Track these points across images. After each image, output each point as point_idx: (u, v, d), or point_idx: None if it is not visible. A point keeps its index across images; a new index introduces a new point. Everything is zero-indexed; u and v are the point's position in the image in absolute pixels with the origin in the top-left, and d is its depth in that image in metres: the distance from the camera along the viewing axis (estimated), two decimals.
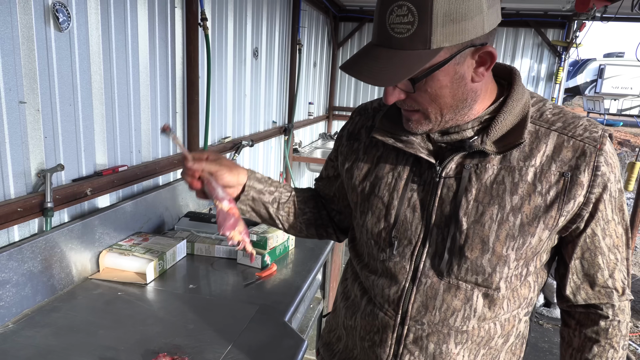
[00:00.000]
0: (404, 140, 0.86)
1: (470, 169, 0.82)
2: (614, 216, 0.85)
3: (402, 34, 0.70)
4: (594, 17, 4.32)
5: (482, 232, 0.81)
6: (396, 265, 0.88)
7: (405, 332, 0.88)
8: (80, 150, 1.91)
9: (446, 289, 0.85)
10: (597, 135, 0.81)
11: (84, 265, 1.80)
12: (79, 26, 1.84)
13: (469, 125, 0.83)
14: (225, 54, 3.16)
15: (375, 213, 0.90)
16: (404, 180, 0.87)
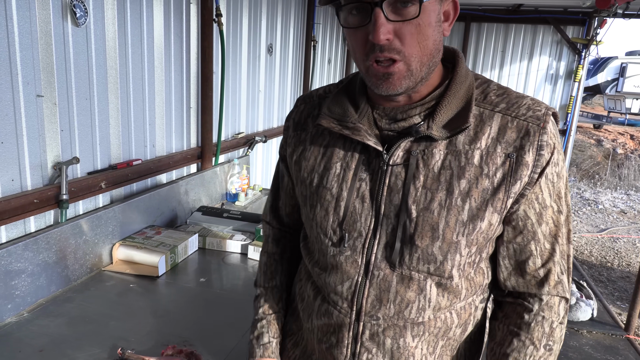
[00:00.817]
0: (351, 127, 0.82)
1: (417, 155, 0.79)
2: (552, 203, 0.80)
3: None
4: (615, 14, 4.22)
5: (432, 219, 0.78)
6: (347, 259, 0.83)
7: (361, 330, 0.84)
8: (95, 144, 1.94)
9: (399, 280, 0.81)
10: (541, 114, 0.78)
11: (98, 257, 1.83)
12: (95, 21, 1.86)
13: (416, 110, 0.81)
14: (239, 50, 3.18)
15: (324, 206, 0.85)
16: (352, 170, 0.83)
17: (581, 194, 8.88)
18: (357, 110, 0.84)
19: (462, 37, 5.82)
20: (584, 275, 4.51)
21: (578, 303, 3.66)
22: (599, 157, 12.64)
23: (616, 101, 18.89)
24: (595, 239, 6.31)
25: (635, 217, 7.40)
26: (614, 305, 4.27)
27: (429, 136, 0.78)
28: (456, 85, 0.80)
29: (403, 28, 0.72)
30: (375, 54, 0.73)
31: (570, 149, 5.80)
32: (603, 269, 5.28)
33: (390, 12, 0.71)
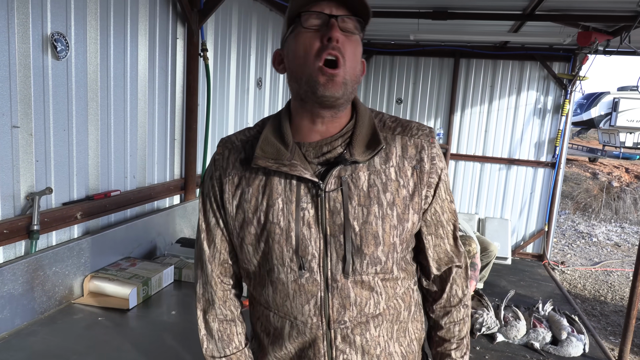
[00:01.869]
0: (287, 164, 0.93)
1: (347, 180, 0.94)
2: (447, 196, 1.03)
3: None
4: (596, 51, 4.33)
5: (372, 229, 0.93)
6: (308, 280, 0.94)
7: (333, 336, 0.96)
8: (72, 175, 1.95)
9: (354, 285, 0.95)
10: (428, 132, 1.01)
11: (68, 289, 1.81)
12: (77, 55, 1.91)
13: (338, 142, 0.96)
14: (227, 83, 3.23)
15: (276, 240, 0.94)
16: (294, 202, 0.94)
17: (575, 227, 8.85)
18: (288, 148, 0.95)
19: (452, 72, 5.93)
20: (576, 309, 4.45)
21: (569, 338, 3.60)
22: (595, 190, 12.67)
23: (610, 135, 19.11)
24: (589, 272, 6.25)
25: (629, 250, 7.35)
26: (607, 340, 4.19)
27: (352, 162, 0.93)
28: (361, 117, 0.98)
29: (347, 43, 0.90)
30: (328, 50, 0.87)
31: (560, 181, 5.82)
32: (596, 303, 5.21)
33: (341, 24, 0.89)
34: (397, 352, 1.02)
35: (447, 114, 6.03)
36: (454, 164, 6.11)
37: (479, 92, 5.95)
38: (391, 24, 4.80)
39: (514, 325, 3.67)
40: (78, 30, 1.89)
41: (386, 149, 0.96)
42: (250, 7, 3.43)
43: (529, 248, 6.01)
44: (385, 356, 1.01)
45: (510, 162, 5.91)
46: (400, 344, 1.03)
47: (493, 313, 3.80)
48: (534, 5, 3.74)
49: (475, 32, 4.87)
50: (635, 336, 4.17)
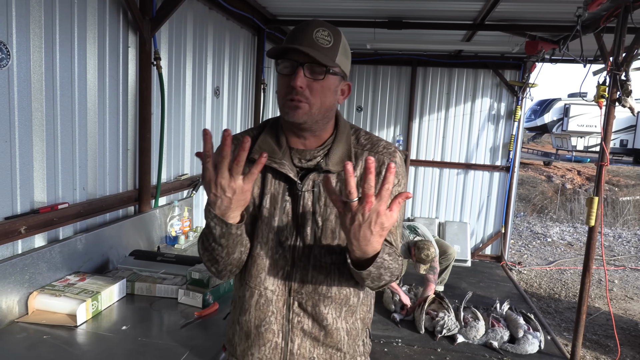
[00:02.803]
0: (278, 162, 1.16)
1: (319, 184, 1.16)
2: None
3: (324, 45, 1.10)
4: (543, 59, 4.54)
5: (331, 225, 1.16)
6: (281, 257, 1.18)
7: (292, 302, 1.19)
8: (15, 188, 1.87)
9: (313, 268, 1.18)
10: (392, 151, 1.21)
11: (10, 308, 1.73)
12: (19, 64, 1.84)
13: (319, 153, 1.19)
14: (183, 92, 3.19)
15: (264, 221, 1.18)
16: (280, 194, 1.17)
17: (531, 228, 9.18)
18: (281, 150, 1.18)
19: (410, 80, 6.08)
20: (532, 308, 4.61)
21: (526, 336, 3.72)
22: (550, 193, 13.20)
23: (563, 139, 19.99)
24: (544, 272, 6.49)
25: (581, 248, 7.68)
26: (561, 336, 4.35)
27: (326, 170, 1.15)
28: (340, 135, 1.20)
29: (313, 84, 1.10)
30: (291, 94, 1.10)
31: (515, 184, 6.04)
32: (551, 301, 5.41)
33: (308, 72, 1.09)
34: (342, 328, 1.23)
35: (406, 121, 6.16)
36: (414, 169, 6.24)
37: (436, 100, 6.12)
38: (348, 33, 4.87)
39: (474, 326, 3.76)
40: (20, 39, 1.83)
41: (355, 163, 1.18)
42: (206, 16, 3.41)
43: (488, 250, 6.20)
44: (332, 330, 1.21)
45: (467, 167, 6.10)
46: (346, 321, 1.23)
47: (453, 315, 3.89)
48: (483, 15, 3.89)
49: (430, 41, 5.02)
50: (586, 331, 4.36)
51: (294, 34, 1.11)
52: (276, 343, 1.21)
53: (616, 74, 3.26)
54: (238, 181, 0.97)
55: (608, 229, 9.38)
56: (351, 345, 1.26)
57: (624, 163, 18.74)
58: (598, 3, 2.93)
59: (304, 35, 1.09)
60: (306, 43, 1.08)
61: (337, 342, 1.23)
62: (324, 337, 1.21)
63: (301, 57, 1.07)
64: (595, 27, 3.51)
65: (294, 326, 1.20)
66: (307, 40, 1.09)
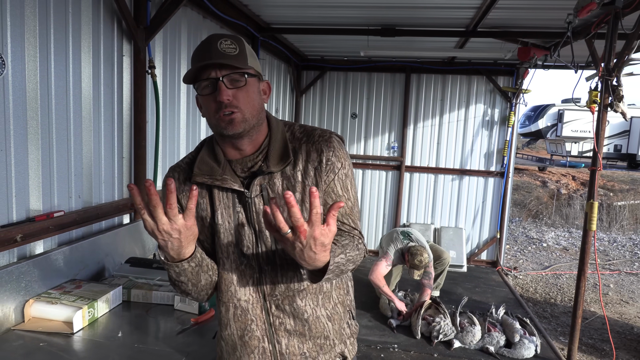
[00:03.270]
0: (220, 179, 1.18)
1: (265, 187, 1.18)
2: (344, 192, 1.21)
3: (232, 54, 1.10)
4: (535, 65, 4.59)
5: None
6: (247, 266, 1.21)
7: (268, 305, 1.22)
8: (11, 196, 1.88)
9: (281, 267, 1.20)
10: (327, 137, 1.21)
11: (7, 316, 1.73)
12: (14, 73, 1.85)
13: (258, 157, 1.20)
14: (178, 100, 3.21)
15: (221, 237, 1.20)
16: (231, 207, 1.20)
17: (527, 233, 9.22)
18: (220, 166, 1.19)
19: (404, 87, 6.12)
20: (528, 312, 4.62)
21: (522, 340, 3.73)
22: (545, 198, 13.26)
23: (557, 145, 20.11)
24: (539, 276, 6.51)
25: (576, 253, 7.72)
26: (557, 341, 4.36)
27: (268, 172, 1.17)
28: (274, 134, 1.21)
29: (238, 93, 1.12)
30: (222, 110, 1.11)
31: (510, 189, 6.07)
32: (547, 305, 5.42)
33: (229, 83, 1.11)
34: (323, 315, 1.25)
35: (401, 127, 6.20)
36: (409, 176, 6.27)
37: (430, 106, 6.16)
38: (342, 41, 4.92)
39: (470, 331, 3.77)
40: (15, 48, 1.85)
41: (294, 157, 1.19)
42: (200, 24, 3.43)
43: (483, 255, 6.21)
44: (314, 319, 1.24)
45: (462, 173, 6.13)
46: (325, 308, 1.26)
47: (450, 320, 3.89)
48: (475, 22, 3.94)
49: (423, 48, 5.07)
50: (582, 335, 4.37)
51: (200, 54, 1.11)
52: (263, 348, 1.23)
53: (608, 79, 3.30)
54: (179, 221, 0.99)
55: (603, 233, 9.43)
56: (337, 330, 1.28)
57: (618, 168, 18.86)
58: (588, 10, 2.97)
59: (210, 50, 1.10)
60: (215, 56, 1.09)
61: (322, 331, 1.25)
62: (308, 330, 1.23)
63: (217, 72, 1.09)
64: (586, 33, 3.57)
65: (277, 328, 1.22)
66: (215, 54, 1.09)
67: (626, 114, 3.48)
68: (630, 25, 3.10)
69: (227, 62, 1.08)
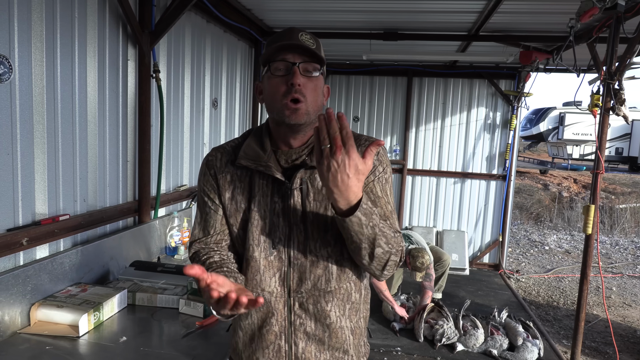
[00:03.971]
0: (264, 165, 1.18)
1: (306, 181, 1.18)
2: (383, 195, 1.20)
3: (311, 45, 1.15)
4: (537, 69, 4.60)
5: (322, 219, 1.17)
6: (276, 257, 1.19)
7: (292, 303, 1.19)
8: (17, 200, 1.89)
9: (311, 264, 1.18)
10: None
11: (13, 319, 1.73)
12: (21, 77, 1.87)
13: (303, 151, 1.20)
14: (181, 104, 3.22)
15: (255, 224, 1.19)
16: (269, 196, 1.19)
17: (528, 236, 9.20)
18: (265, 154, 1.20)
19: (406, 90, 6.13)
20: (531, 316, 4.61)
21: (525, 344, 3.72)
22: (547, 201, 13.25)
23: (558, 148, 20.11)
24: (542, 279, 6.50)
25: (578, 256, 7.70)
26: (560, 344, 4.35)
27: (311, 166, 1.17)
28: None
29: (308, 83, 1.15)
30: (292, 93, 1.12)
31: (512, 192, 6.07)
32: (550, 308, 5.41)
33: (303, 71, 1.14)
34: (347, 327, 1.23)
35: (403, 130, 6.21)
36: (411, 179, 6.28)
37: (432, 109, 6.17)
38: (344, 45, 4.94)
39: (473, 334, 3.76)
40: (22, 53, 1.86)
41: None
42: (204, 29, 3.45)
43: (486, 258, 6.21)
44: (336, 328, 1.21)
45: (464, 176, 6.13)
46: (350, 320, 1.24)
47: (452, 323, 3.89)
48: (477, 26, 3.95)
49: (425, 52, 5.08)
50: (585, 338, 4.36)
51: (281, 38, 1.15)
52: (279, 345, 1.20)
53: (609, 83, 3.31)
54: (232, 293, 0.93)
55: (605, 236, 9.41)
56: (356, 345, 1.26)
57: (620, 171, 18.84)
58: (590, 14, 2.98)
59: (291, 37, 1.14)
60: (296, 41, 1.13)
61: (342, 343, 1.22)
62: (328, 338, 1.20)
63: (295, 57, 1.13)
64: (588, 37, 3.58)
65: (297, 328, 1.20)
66: (295, 40, 1.14)
67: (628, 117, 3.48)
68: (632, 29, 3.11)
69: (307, 48, 1.13)
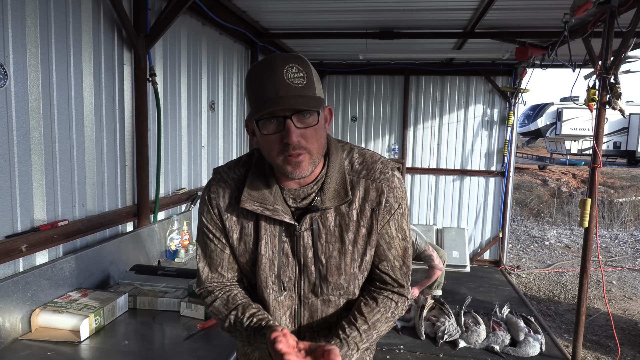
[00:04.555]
0: (271, 209, 1.12)
1: (317, 221, 1.14)
2: (398, 234, 1.18)
3: (300, 85, 0.99)
4: (533, 65, 4.60)
5: (335, 262, 1.16)
6: (286, 297, 1.19)
7: (302, 336, 1.20)
8: (15, 206, 1.88)
9: (322, 303, 1.19)
10: (389, 176, 1.14)
11: (13, 326, 1.73)
12: (16, 84, 1.87)
13: (313, 189, 1.13)
14: (178, 108, 3.22)
15: (262, 267, 1.17)
16: (277, 237, 1.15)
17: (528, 232, 9.21)
18: (271, 193, 1.12)
19: (403, 89, 6.14)
20: (532, 311, 4.62)
21: (527, 339, 3.73)
22: (546, 196, 13.27)
23: (557, 143, 20.12)
24: (542, 275, 6.51)
25: (578, 251, 7.71)
26: (562, 338, 4.36)
27: (324, 208, 1.12)
28: (332, 164, 1.14)
29: (306, 132, 1.02)
30: (289, 151, 1.02)
31: (511, 189, 6.08)
32: (551, 303, 5.42)
33: (297, 122, 1.01)
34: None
35: (401, 129, 6.21)
36: (410, 177, 6.28)
37: (430, 107, 6.18)
38: (340, 44, 4.94)
39: (475, 330, 3.77)
40: (17, 59, 1.86)
41: (351, 194, 1.13)
42: (200, 31, 3.45)
43: (486, 255, 6.21)
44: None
45: (463, 173, 6.14)
46: None
47: (454, 320, 3.90)
48: (473, 23, 3.95)
49: (421, 50, 5.09)
50: (587, 332, 4.36)
51: (263, 85, 0.99)
52: None
53: (605, 77, 3.31)
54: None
55: (605, 230, 9.42)
56: None
57: (618, 165, 18.86)
58: (584, 9, 2.99)
59: (276, 82, 0.98)
60: (283, 91, 0.97)
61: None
62: None
63: (286, 109, 0.99)
64: (583, 32, 3.58)
65: None
66: (282, 87, 0.98)
67: (624, 111, 3.49)
68: (626, 23, 3.12)
69: (297, 104, 0.97)
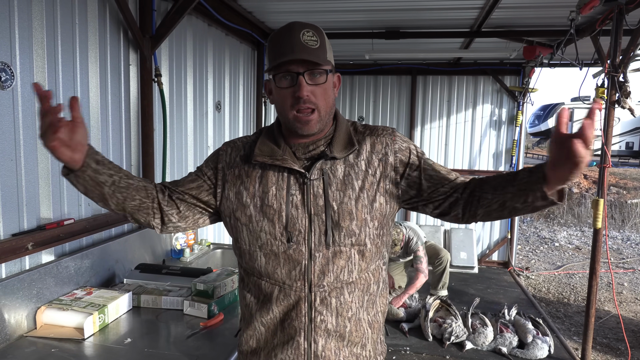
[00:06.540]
0: (280, 159, 1.18)
1: (327, 171, 1.18)
2: (434, 164, 1.24)
3: (314, 46, 1.12)
4: (541, 64, 4.56)
5: (347, 208, 1.17)
6: (295, 250, 1.17)
7: (313, 298, 1.17)
8: (22, 205, 1.91)
9: (333, 255, 1.17)
10: (391, 132, 1.25)
11: (19, 323, 1.75)
12: (23, 84, 1.89)
13: (321, 142, 1.22)
14: (184, 108, 3.24)
15: (270, 218, 1.17)
16: (285, 189, 1.18)
17: (538, 233, 9.12)
18: (280, 148, 1.21)
19: (410, 89, 6.12)
20: (541, 313, 4.57)
21: (535, 341, 3.69)
22: None
23: None
24: (552, 276, 6.44)
25: (589, 252, 7.61)
26: (571, 341, 4.31)
27: (332, 157, 1.18)
28: (340, 125, 1.24)
29: (316, 89, 1.13)
30: (299, 105, 1.12)
31: None
32: (560, 305, 5.36)
33: (309, 79, 1.12)
34: (364, 319, 1.23)
35: (408, 129, 6.19)
36: None
37: (437, 107, 6.15)
38: (347, 45, 4.94)
39: (482, 332, 3.74)
40: (24, 60, 1.88)
41: (358, 148, 1.21)
42: (206, 32, 3.47)
43: (494, 256, 6.16)
44: (355, 321, 1.20)
45: (471, 173, 6.09)
46: (368, 313, 1.23)
47: (461, 321, 3.87)
48: (479, 22, 3.93)
49: (428, 50, 5.07)
50: (596, 334, 4.31)
51: (281, 43, 1.12)
52: (298, 342, 1.18)
53: (614, 76, 3.28)
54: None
55: (616, 231, 9.30)
56: (375, 340, 1.26)
57: (631, 165, 18.59)
58: (590, 6, 2.96)
59: (293, 42, 1.10)
60: (298, 49, 1.10)
61: (361, 336, 1.21)
62: (349, 332, 1.19)
63: (299, 66, 1.10)
64: (591, 30, 3.55)
65: (317, 326, 1.17)
66: (297, 46, 1.10)
67: (634, 110, 3.44)
68: (634, 21, 3.08)
69: (310, 57, 1.09)
